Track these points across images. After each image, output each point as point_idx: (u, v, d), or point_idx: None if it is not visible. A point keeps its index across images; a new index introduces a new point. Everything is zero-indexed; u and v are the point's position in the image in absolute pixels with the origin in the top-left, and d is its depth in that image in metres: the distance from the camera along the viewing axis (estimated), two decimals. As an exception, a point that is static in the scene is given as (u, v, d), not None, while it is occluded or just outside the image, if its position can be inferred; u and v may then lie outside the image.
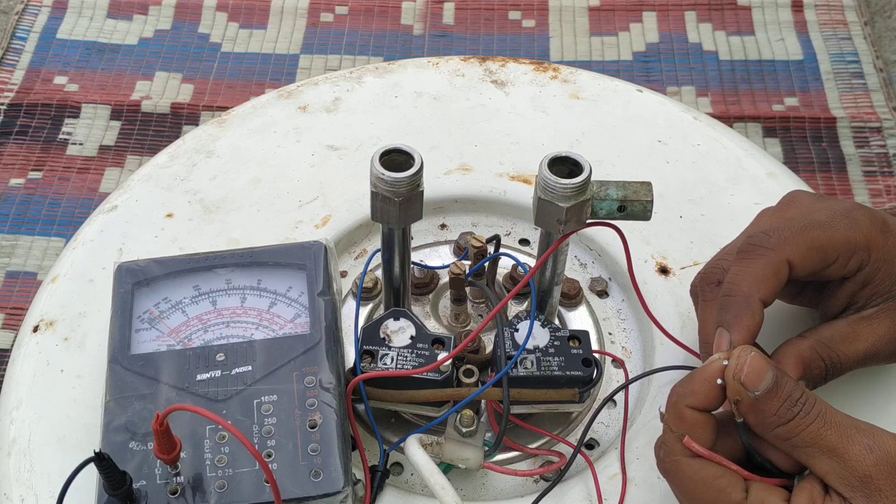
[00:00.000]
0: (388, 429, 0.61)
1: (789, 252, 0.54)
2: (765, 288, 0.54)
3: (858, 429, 0.48)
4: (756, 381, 0.49)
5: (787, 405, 0.48)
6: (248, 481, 0.53)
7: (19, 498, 0.57)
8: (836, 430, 0.48)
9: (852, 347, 0.56)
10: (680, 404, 0.50)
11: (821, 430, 0.48)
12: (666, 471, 0.51)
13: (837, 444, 0.47)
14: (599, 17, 1.45)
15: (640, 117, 0.79)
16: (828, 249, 0.55)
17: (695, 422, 0.50)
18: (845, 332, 0.56)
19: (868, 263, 0.56)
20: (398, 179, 0.53)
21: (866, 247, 0.56)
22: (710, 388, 0.50)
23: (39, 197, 1.23)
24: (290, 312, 0.60)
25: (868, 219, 0.57)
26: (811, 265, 0.55)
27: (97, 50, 1.40)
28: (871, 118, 1.31)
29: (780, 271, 0.54)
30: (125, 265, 0.62)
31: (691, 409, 0.50)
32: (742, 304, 0.54)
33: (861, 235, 0.56)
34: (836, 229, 0.55)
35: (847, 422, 0.48)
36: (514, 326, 0.58)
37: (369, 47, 1.41)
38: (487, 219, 0.74)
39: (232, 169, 0.74)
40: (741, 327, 0.53)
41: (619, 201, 0.52)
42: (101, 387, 0.57)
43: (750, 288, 0.54)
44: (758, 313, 0.53)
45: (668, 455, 0.50)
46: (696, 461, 0.50)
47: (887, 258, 0.56)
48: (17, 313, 1.12)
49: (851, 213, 0.57)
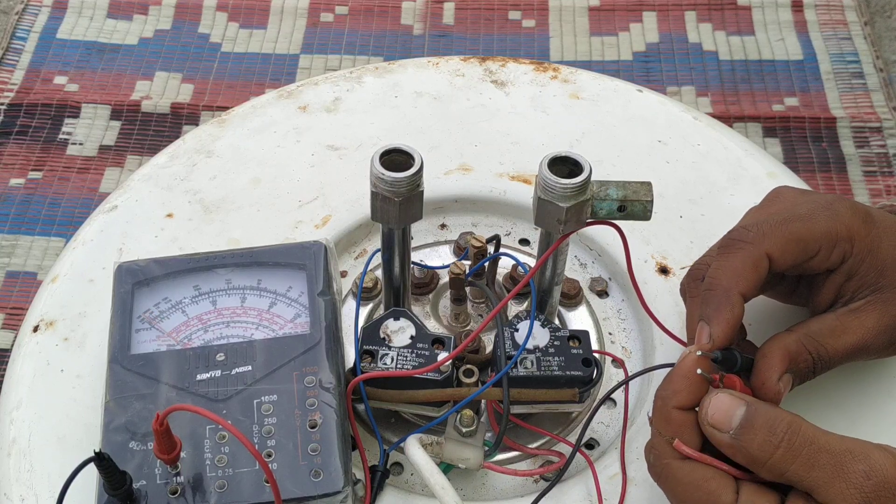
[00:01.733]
0: (388, 429, 0.61)
1: (768, 245, 0.55)
2: (744, 281, 0.54)
3: (852, 454, 0.47)
4: (725, 420, 0.48)
5: (768, 436, 0.47)
6: (248, 481, 0.53)
7: (19, 498, 0.57)
8: (828, 457, 0.47)
9: (841, 341, 0.56)
10: (666, 407, 0.50)
11: (812, 458, 0.47)
12: (657, 475, 0.51)
13: (832, 474, 0.46)
14: (599, 17, 1.45)
15: (640, 117, 0.79)
16: (808, 241, 0.55)
17: (682, 423, 0.50)
18: (833, 325, 0.56)
19: (852, 255, 0.56)
20: (398, 179, 0.53)
21: (848, 237, 0.56)
22: (691, 384, 0.50)
23: (39, 197, 1.23)
24: (291, 312, 0.60)
25: (850, 210, 0.57)
26: (792, 257, 0.55)
27: (97, 50, 1.40)
28: (871, 118, 1.31)
29: (759, 265, 0.55)
30: (125, 265, 0.62)
31: (678, 409, 0.50)
32: (721, 297, 0.54)
33: (842, 226, 0.56)
34: (817, 221, 0.56)
35: (839, 446, 0.47)
36: (514, 326, 0.58)
37: (369, 47, 1.41)
38: (487, 219, 0.74)
39: (232, 169, 0.74)
40: (720, 320, 0.53)
41: (619, 201, 0.52)
42: (101, 387, 0.57)
43: (729, 282, 0.54)
44: (737, 306, 0.54)
45: (658, 459, 0.50)
46: (686, 464, 0.49)
47: (871, 248, 0.56)
48: (17, 313, 1.13)
49: (833, 205, 0.57)
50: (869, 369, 0.62)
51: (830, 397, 0.62)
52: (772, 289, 0.62)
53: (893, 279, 0.56)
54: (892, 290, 0.56)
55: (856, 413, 0.61)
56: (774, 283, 0.61)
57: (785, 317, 0.63)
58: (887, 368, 0.63)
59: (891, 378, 0.63)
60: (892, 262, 0.56)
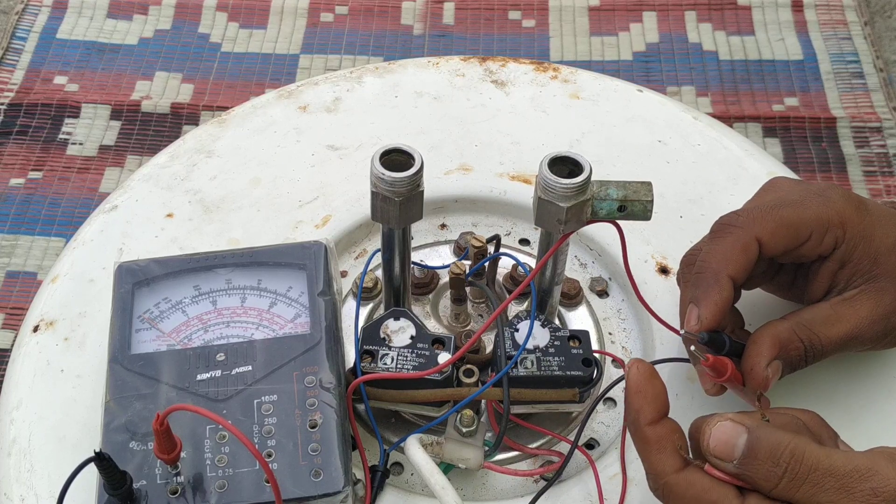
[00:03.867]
0: (388, 429, 0.61)
1: (758, 230, 0.55)
2: (733, 264, 0.55)
3: (859, 472, 0.45)
4: (728, 450, 0.47)
5: (772, 467, 0.46)
6: (249, 481, 0.53)
7: (19, 498, 0.57)
8: (833, 481, 0.45)
9: (833, 329, 0.56)
10: (638, 428, 0.49)
11: (818, 483, 0.45)
12: (660, 497, 0.49)
13: (839, 497, 0.45)
14: (599, 17, 1.45)
15: (640, 117, 0.79)
16: (799, 226, 0.55)
17: (660, 437, 0.48)
18: (827, 314, 0.56)
19: (844, 241, 0.56)
20: (398, 179, 0.53)
21: (840, 223, 0.56)
22: (646, 396, 0.49)
23: (39, 197, 1.23)
24: (291, 312, 0.60)
25: (842, 197, 0.57)
26: (783, 242, 0.56)
27: (97, 50, 1.40)
28: (871, 118, 1.31)
29: (748, 248, 0.55)
30: (125, 265, 0.62)
31: (650, 425, 0.48)
32: (710, 279, 0.54)
33: (834, 212, 0.56)
34: (807, 207, 0.56)
35: (844, 467, 0.46)
36: (514, 326, 0.58)
37: (369, 47, 1.41)
38: (487, 219, 0.74)
39: (232, 169, 0.74)
40: (709, 302, 0.54)
41: (619, 201, 0.52)
42: (101, 387, 0.57)
43: (718, 264, 0.55)
44: (726, 288, 0.54)
45: (656, 480, 0.49)
46: (684, 477, 0.48)
47: (864, 235, 0.56)
48: (17, 313, 1.12)
49: (825, 191, 0.57)
50: (869, 365, 0.63)
51: (831, 395, 0.62)
52: (770, 281, 0.62)
53: (888, 267, 0.56)
54: (886, 279, 0.56)
55: (856, 411, 0.61)
56: (772, 275, 0.61)
57: (784, 313, 0.63)
58: (887, 365, 0.63)
59: (891, 374, 0.63)
60: (885, 250, 0.56)
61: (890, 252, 0.56)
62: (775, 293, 0.63)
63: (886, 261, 0.56)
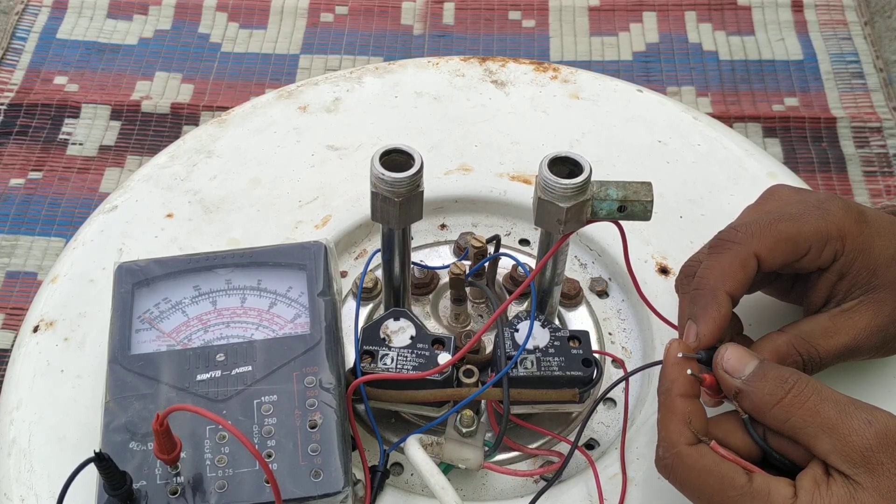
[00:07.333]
0: (388, 429, 0.61)
1: (756, 245, 0.55)
2: (731, 281, 0.55)
3: (856, 405, 0.48)
4: (739, 367, 0.51)
5: (778, 384, 0.49)
6: (249, 481, 0.53)
7: (19, 498, 0.57)
8: (832, 405, 0.48)
9: (832, 341, 0.56)
10: (670, 397, 0.51)
11: (817, 406, 0.48)
12: (667, 467, 0.51)
13: (836, 419, 0.48)
14: (599, 17, 1.45)
15: (640, 117, 0.79)
16: (798, 241, 0.56)
17: (688, 410, 0.51)
18: (825, 325, 0.56)
19: (843, 253, 0.56)
20: (398, 179, 0.53)
21: (839, 236, 0.56)
22: (684, 369, 0.52)
23: (39, 197, 1.23)
24: (291, 312, 0.60)
25: (841, 209, 0.57)
26: (781, 257, 0.56)
27: (97, 50, 1.40)
28: (871, 118, 1.31)
29: (747, 264, 0.55)
30: (125, 265, 0.62)
31: (682, 397, 0.51)
32: (708, 296, 0.55)
33: (833, 225, 0.56)
34: (806, 221, 0.56)
35: (844, 399, 0.49)
36: (514, 326, 0.58)
37: (369, 47, 1.41)
38: (487, 219, 0.74)
39: (232, 169, 0.74)
40: (707, 319, 0.54)
41: (619, 201, 0.52)
42: (101, 387, 0.57)
43: (716, 281, 0.55)
44: (724, 305, 0.54)
45: (667, 450, 0.51)
46: (696, 450, 0.50)
47: (863, 248, 0.56)
48: (17, 313, 1.13)
49: (824, 204, 0.57)
50: (869, 371, 0.62)
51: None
52: (768, 286, 0.62)
53: (886, 279, 0.56)
54: (885, 290, 0.56)
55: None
56: (771, 280, 0.61)
57: (783, 316, 0.63)
58: (887, 369, 0.63)
59: (891, 378, 0.63)
60: (885, 261, 0.56)
61: (889, 263, 0.57)
62: (772, 295, 0.63)
63: (885, 272, 0.56)
